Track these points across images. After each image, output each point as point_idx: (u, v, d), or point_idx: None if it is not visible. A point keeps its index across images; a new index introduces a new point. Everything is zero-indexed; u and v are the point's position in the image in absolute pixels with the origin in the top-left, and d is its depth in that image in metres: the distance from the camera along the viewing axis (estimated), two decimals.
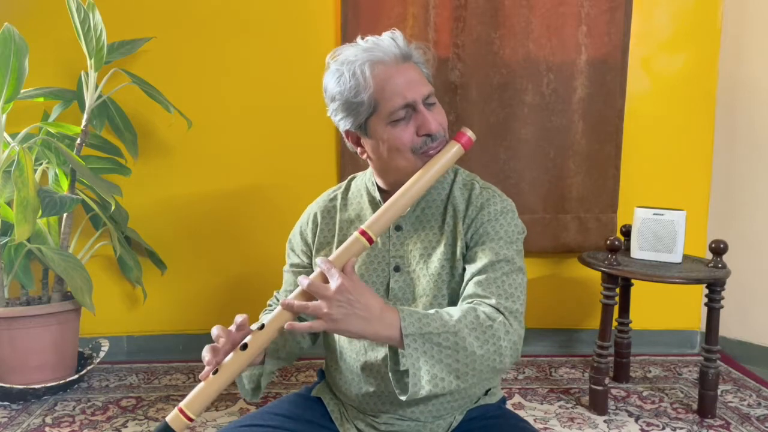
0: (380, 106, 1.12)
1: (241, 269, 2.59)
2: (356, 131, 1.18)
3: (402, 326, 1.00)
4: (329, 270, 1.00)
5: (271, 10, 2.47)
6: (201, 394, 1.01)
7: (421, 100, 1.13)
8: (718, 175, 2.59)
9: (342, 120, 1.17)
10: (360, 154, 1.22)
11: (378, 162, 1.19)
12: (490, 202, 1.18)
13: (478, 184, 1.22)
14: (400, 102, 1.11)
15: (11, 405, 2.11)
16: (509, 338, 1.06)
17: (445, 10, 2.44)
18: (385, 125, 1.13)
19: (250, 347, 1.01)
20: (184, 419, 0.99)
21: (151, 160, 2.51)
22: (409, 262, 1.19)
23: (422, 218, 1.21)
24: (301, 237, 1.30)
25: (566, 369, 2.44)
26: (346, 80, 1.12)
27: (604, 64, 2.47)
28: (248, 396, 1.20)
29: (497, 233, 1.15)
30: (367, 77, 1.11)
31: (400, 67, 1.13)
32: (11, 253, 2.22)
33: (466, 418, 1.22)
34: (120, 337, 2.58)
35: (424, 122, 1.12)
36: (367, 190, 1.26)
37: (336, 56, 1.17)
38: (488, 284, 1.10)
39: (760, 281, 2.51)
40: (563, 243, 2.55)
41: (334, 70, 1.15)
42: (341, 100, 1.14)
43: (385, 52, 1.13)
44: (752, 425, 1.96)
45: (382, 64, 1.12)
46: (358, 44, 1.16)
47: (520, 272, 1.14)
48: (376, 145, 1.16)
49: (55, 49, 2.42)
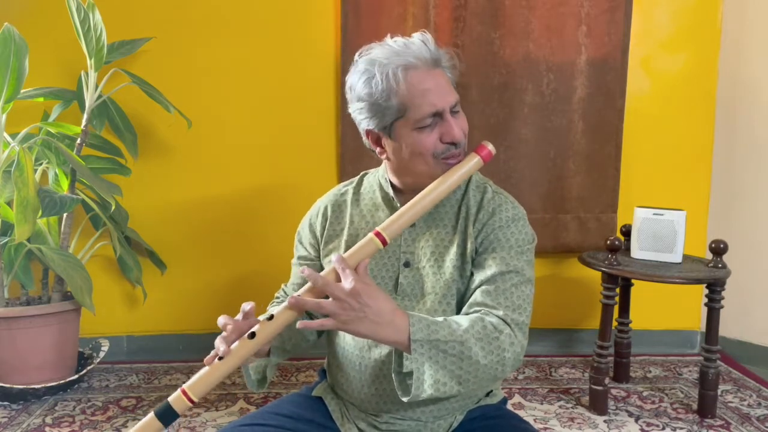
0: (409, 112, 1.12)
1: (241, 269, 2.59)
2: (379, 132, 1.17)
3: (411, 331, 1.01)
4: (344, 270, 1.01)
5: (271, 10, 2.47)
6: (205, 378, 1.02)
7: (449, 108, 1.13)
8: (718, 175, 2.59)
9: (365, 120, 1.17)
10: (379, 153, 1.22)
11: (397, 163, 1.19)
12: (502, 208, 1.19)
13: (490, 188, 1.23)
14: (430, 110, 1.12)
15: (11, 405, 2.11)
16: (513, 349, 1.07)
17: (445, 10, 2.44)
18: (410, 130, 1.13)
19: (258, 336, 1.02)
20: (186, 401, 1.00)
21: (151, 160, 2.51)
22: (420, 258, 1.20)
23: (436, 216, 1.21)
24: (309, 230, 1.30)
25: (566, 369, 2.44)
26: (378, 83, 1.12)
27: (604, 64, 2.47)
28: (254, 387, 1.21)
29: (508, 241, 1.16)
30: (399, 82, 1.11)
31: (431, 72, 1.14)
32: (11, 253, 2.22)
33: (466, 418, 1.23)
34: (120, 337, 2.58)
35: (449, 130, 1.13)
36: (380, 186, 1.26)
37: (364, 55, 1.16)
38: (497, 295, 1.11)
39: (760, 281, 2.51)
40: (563, 243, 2.55)
41: (364, 70, 1.14)
42: (369, 101, 1.14)
43: (416, 57, 1.13)
44: (752, 425, 1.96)
45: (415, 70, 1.12)
46: (388, 44, 1.15)
47: (529, 283, 1.15)
48: (398, 147, 1.16)
49: (55, 49, 2.42)
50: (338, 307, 0.99)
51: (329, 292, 0.99)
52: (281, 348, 1.22)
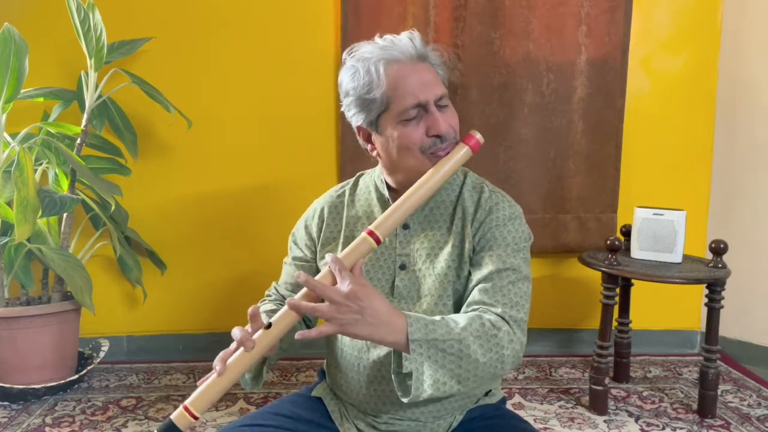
0: (392, 105, 1.13)
1: (241, 268, 2.59)
2: (368, 127, 1.19)
3: (408, 332, 1.01)
4: (340, 272, 1.00)
5: (271, 10, 2.47)
6: (206, 393, 1.00)
7: (434, 101, 1.13)
8: (718, 175, 2.59)
9: (354, 115, 1.18)
10: (370, 151, 1.22)
11: (387, 160, 1.19)
12: (499, 206, 1.19)
13: (487, 188, 1.23)
14: (412, 101, 1.12)
15: (11, 405, 2.11)
16: (512, 347, 1.07)
17: (445, 10, 2.44)
18: (395, 123, 1.14)
19: (257, 346, 1.01)
20: (189, 417, 0.99)
21: (151, 160, 2.51)
22: (415, 260, 1.19)
23: (430, 218, 1.21)
24: (305, 231, 1.30)
25: (566, 369, 2.44)
26: (360, 77, 1.13)
27: (604, 64, 2.47)
28: (248, 386, 1.19)
29: (504, 239, 1.16)
30: (380, 75, 1.12)
31: (415, 67, 1.14)
32: (11, 253, 2.22)
33: (466, 418, 1.23)
34: (120, 337, 2.58)
35: (434, 123, 1.12)
36: (375, 187, 1.26)
37: (353, 52, 1.17)
38: (494, 292, 1.11)
39: (760, 281, 2.51)
40: (563, 243, 2.55)
41: (350, 66, 1.16)
42: (354, 95, 1.15)
43: (401, 51, 1.14)
44: (752, 425, 1.96)
45: (397, 63, 1.13)
46: (375, 42, 1.17)
47: (526, 280, 1.15)
48: (386, 142, 1.17)
49: (55, 49, 2.42)
50: (335, 311, 0.98)
51: (326, 296, 0.99)
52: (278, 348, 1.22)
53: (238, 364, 1.01)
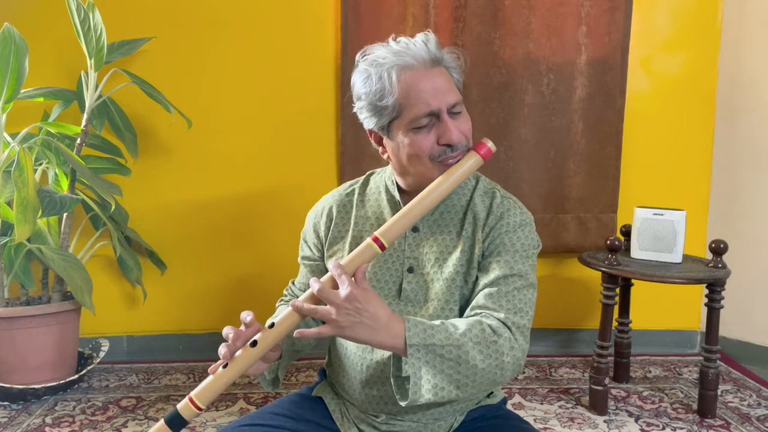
0: (404, 112, 1.11)
1: (241, 268, 2.59)
2: (379, 131, 1.18)
3: (406, 336, 1.01)
4: (340, 276, 1.01)
5: (271, 10, 2.47)
6: (211, 386, 1.04)
7: (446, 108, 1.12)
8: (718, 175, 2.59)
9: (366, 119, 1.18)
10: (381, 153, 1.22)
11: (398, 164, 1.19)
12: (510, 212, 1.18)
13: (499, 193, 1.22)
14: (424, 110, 1.10)
15: (11, 405, 2.11)
16: (513, 354, 1.07)
17: (445, 10, 2.44)
18: (407, 130, 1.12)
19: (260, 344, 1.03)
20: (194, 408, 1.03)
21: (151, 160, 2.51)
22: (424, 264, 1.19)
23: (440, 222, 1.20)
24: (313, 230, 1.30)
25: (566, 369, 2.44)
26: (373, 83, 1.12)
27: (604, 64, 2.47)
28: (268, 386, 1.23)
29: (513, 245, 1.15)
30: (393, 82, 1.10)
31: (429, 72, 1.12)
32: (11, 253, 2.22)
33: (467, 419, 1.23)
34: (120, 337, 2.58)
35: (445, 132, 1.11)
36: (386, 188, 1.26)
37: (366, 55, 1.16)
38: (499, 297, 1.11)
39: (760, 281, 2.51)
40: (563, 243, 2.55)
41: (363, 70, 1.15)
42: (366, 100, 1.14)
43: (414, 57, 1.12)
44: (752, 425, 1.96)
45: (410, 70, 1.11)
46: (389, 45, 1.15)
47: (532, 287, 1.14)
48: (396, 148, 1.16)
49: (55, 49, 2.42)
50: (335, 313, 0.99)
51: (325, 298, 1.00)
52: (291, 349, 1.23)
53: (242, 360, 1.03)
